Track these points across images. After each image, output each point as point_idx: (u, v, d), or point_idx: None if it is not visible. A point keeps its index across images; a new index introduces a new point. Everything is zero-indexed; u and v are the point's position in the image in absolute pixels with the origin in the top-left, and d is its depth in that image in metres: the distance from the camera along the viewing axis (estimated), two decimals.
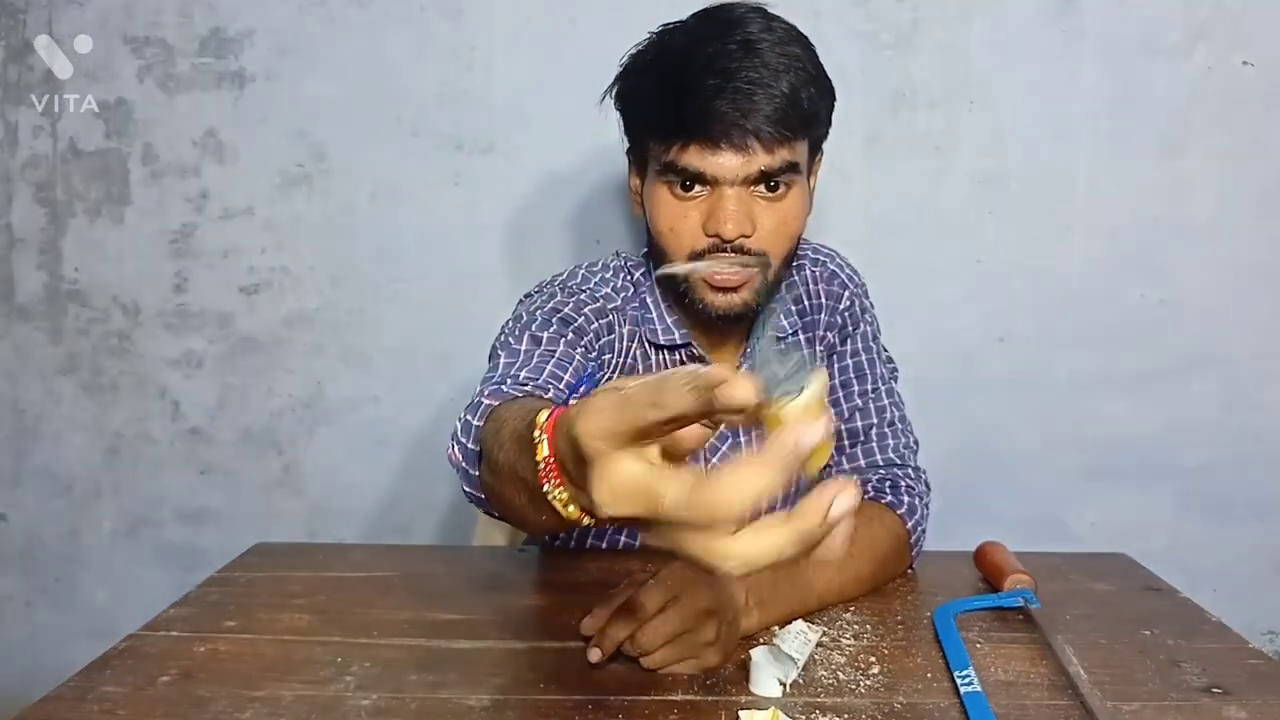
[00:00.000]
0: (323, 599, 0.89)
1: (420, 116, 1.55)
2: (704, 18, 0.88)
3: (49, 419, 1.65)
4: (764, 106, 0.82)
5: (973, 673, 0.72)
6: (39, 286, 1.62)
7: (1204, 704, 0.70)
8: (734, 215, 0.85)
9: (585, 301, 0.95)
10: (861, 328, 1.05)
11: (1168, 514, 1.58)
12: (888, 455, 1.00)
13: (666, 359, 0.97)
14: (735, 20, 0.85)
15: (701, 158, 0.84)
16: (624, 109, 0.93)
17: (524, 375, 0.79)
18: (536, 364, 0.82)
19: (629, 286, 1.00)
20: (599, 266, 1.03)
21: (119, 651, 0.78)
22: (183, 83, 1.56)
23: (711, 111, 0.82)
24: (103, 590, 1.69)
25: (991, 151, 1.51)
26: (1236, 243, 1.51)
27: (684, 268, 0.90)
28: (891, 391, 1.06)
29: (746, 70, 0.82)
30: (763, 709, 0.65)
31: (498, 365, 0.83)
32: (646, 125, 0.90)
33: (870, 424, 1.01)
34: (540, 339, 0.85)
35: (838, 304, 1.04)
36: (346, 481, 1.65)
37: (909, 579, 0.96)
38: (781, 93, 0.83)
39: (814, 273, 1.05)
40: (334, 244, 1.59)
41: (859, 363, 1.03)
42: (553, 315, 0.90)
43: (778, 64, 0.83)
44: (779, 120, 0.83)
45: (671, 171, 0.87)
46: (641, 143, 0.92)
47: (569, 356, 0.84)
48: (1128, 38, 1.48)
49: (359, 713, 0.68)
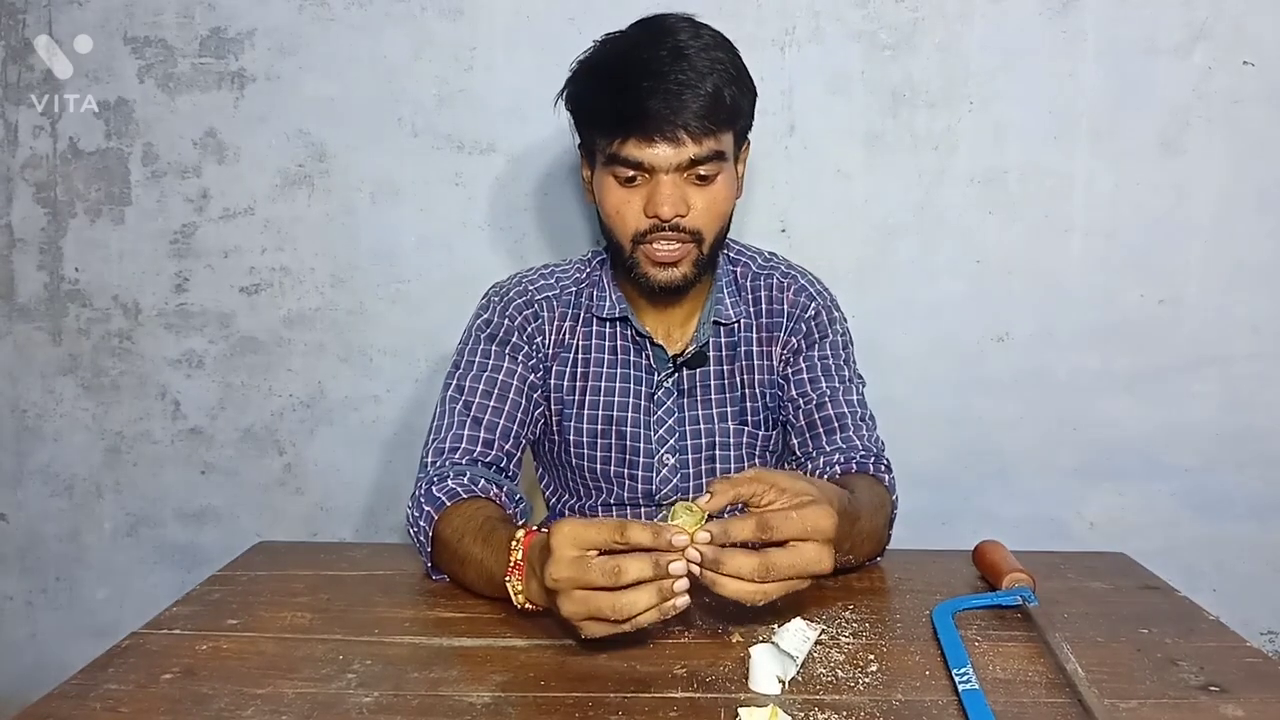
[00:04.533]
0: (324, 597, 0.90)
1: (420, 116, 1.55)
2: (640, 27, 1.01)
3: (50, 419, 1.65)
4: (691, 104, 0.95)
5: (971, 671, 0.72)
6: (40, 286, 1.62)
7: (1201, 702, 0.70)
8: (669, 198, 0.98)
9: (512, 300, 1.12)
10: (831, 336, 1.14)
11: (1167, 514, 1.59)
12: (866, 444, 1.07)
13: (605, 330, 1.12)
14: (667, 29, 0.98)
15: (640, 149, 0.97)
16: (573, 109, 1.05)
17: (462, 449, 1.01)
18: (469, 435, 1.03)
19: (586, 272, 1.16)
20: (568, 261, 1.18)
21: (121, 649, 0.78)
22: (183, 83, 1.56)
23: (646, 110, 0.95)
24: (104, 590, 1.69)
25: (991, 151, 1.52)
26: (1236, 243, 1.51)
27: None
28: (861, 394, 1.14)
29: (676, 73, 0.95)
30: (762, 706, 0.65)
31: (441, 428, 1.04)
32: (592, 123, 1.02)
33: (844, 413, 1.09)
34: (471, 404, 1.05)
35: (803, 313, 1.14)
36: (347, 481, 1.65)
37: (908, 577, 0.96)
38: (707, 92, 0.95)
39: (782, 283, 1.16)
40: (334, 244, 1.59)
41: (827, 364, 1.12)
42: (484, 351, 1.09)
43: (703, 67, 0.96)
44: (705, 115, 0.95)
45: (615, 162, 0.99)
46: (589, 138, 1.04)
47: (502, 400, 1.06)
48: (1128, 38, 1.48)
49: (360, 710, 0.68)
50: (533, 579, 0.77)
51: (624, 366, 1.12)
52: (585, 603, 0.70)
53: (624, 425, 1.10)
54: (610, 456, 1.11)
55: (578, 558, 0.70)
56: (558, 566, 0.70)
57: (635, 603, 0.69)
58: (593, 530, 0.71)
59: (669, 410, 1.11)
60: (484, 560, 0.84)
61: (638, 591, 0.69)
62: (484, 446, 1.03)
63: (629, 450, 1.11)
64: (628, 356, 1.12)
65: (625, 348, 1.12)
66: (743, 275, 1.16)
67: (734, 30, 1.51)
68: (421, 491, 0.96)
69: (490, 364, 1.08)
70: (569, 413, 1.12)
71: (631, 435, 1.10)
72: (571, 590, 0.70)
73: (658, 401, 1.11)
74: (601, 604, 0.69)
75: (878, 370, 1.53)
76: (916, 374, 1.57)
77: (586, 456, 1.12)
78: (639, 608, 0.69)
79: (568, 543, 0.70)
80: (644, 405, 1.11)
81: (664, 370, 1.12)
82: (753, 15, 1.50)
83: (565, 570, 0.70)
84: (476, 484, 0.96)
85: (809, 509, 0.73)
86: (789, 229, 1.55)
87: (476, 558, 0.86)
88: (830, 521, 0.74)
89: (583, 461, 1.12)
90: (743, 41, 1.52)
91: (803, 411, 1.10)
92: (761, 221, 1.54)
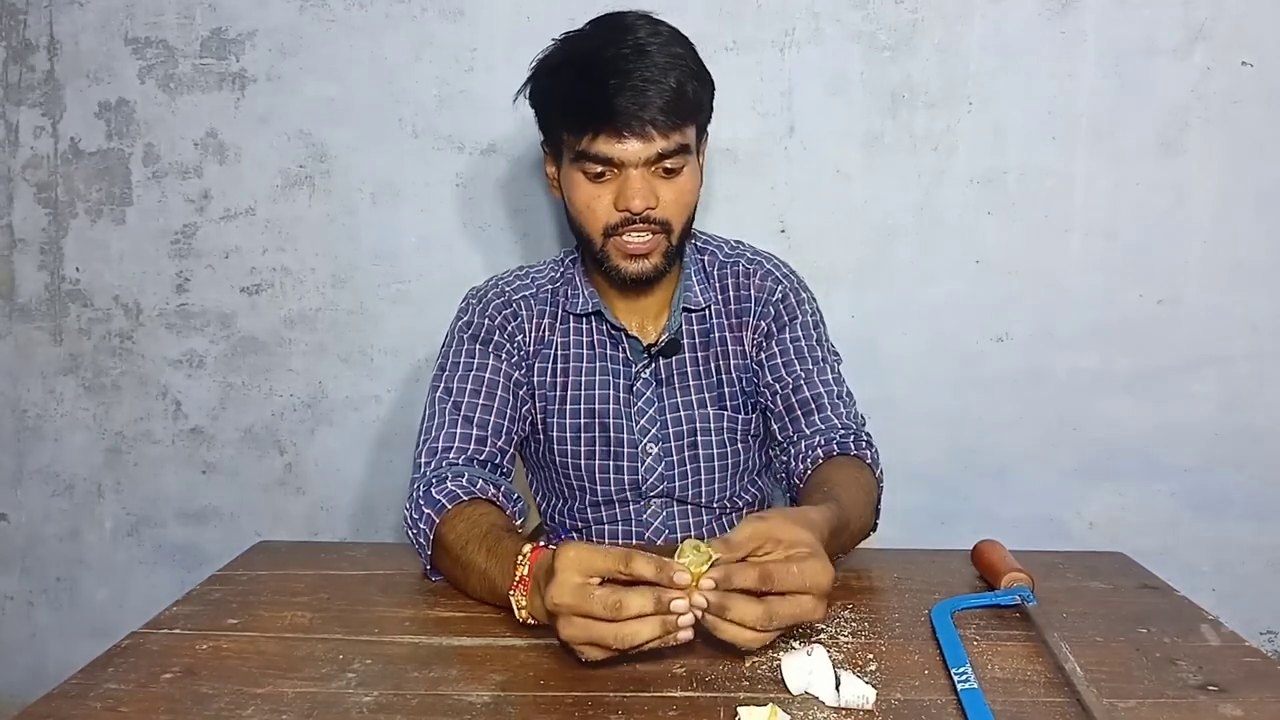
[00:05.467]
0: (324, 597, 0.90)
1: (421, 117, 1.55)
2: (600, 25, 1.03)
3: (50, 419, 1.65)
4: (657, 100, 0.97)
5: (969, 670, 0.72)
6: (40, 287, 1.62)
7: (1200, 701, 0.70)
8: (640, 191, 1.00)
9: (491, 300, 1.14)
10: (801, 318, 1.15)
11: (1166, 514, 1.59)
12: (844, 420, 1.08)
13: (582, 326, 1.14)
14: (627, 26, 1.00)
15: (609, 145, 0.99)
16: (538, 107, 1.07)
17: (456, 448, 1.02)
18: (461, 433, 1.03)
19: (560, 271, 1.17)
20: (542, 262, 1.21)
21: (121, 649, 0.78)
22: (184, 83, 1.56)
23: (614, 107, 0.97)
24: (104, 590, 1.69)
25: (991, 152, 1.52)
26: (1235, 243, 1.52)
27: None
28: (837, 372, 1.15)
29: (641, 70, 0.97)
30: (761, 705, 0.66)
31: (432, 429, 1.04)
32: (560, 120, 1.03)
33: (819, 394, 1.10)
34: (460, 404, 1.06)
35: (770, 296, 1.15)
36: (347, 481, 1.65)
37: (907, 576, 0.96)
38: (670, 87, 0.98)
39: (748, 269, 1.17)
40: (335, 244, 1.59)
41: (799, 346, 1.13)
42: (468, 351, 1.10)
43: (665, 63, 0.98)
44: (670, 110, 0.98)
45: (584, 159, 1.01)
46: (555, 135, 1.06)
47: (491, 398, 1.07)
48: (1127, 38, 1.48)
49: (360, 709, 0.68)
50: (536, 596, 0.78)
51: (602, 360, 1.13)
52: (586, 629, 0.70)
53: (606, 418, 1.11)
54: (594, 450, 1.12)
55: (580, 585, 0.70)
56: (560, 591, 0.71)
57: (638, 633, 0.69)
58: (598, 558, 0.71)
59: (649, 400, 1.13)
60: (488, 571, 0.85)
61: (640, 623, 0.69)
62: (477, 444, 1.04)
63: (612, 443, 1.11)
64: (604, 350, 1.13)
65: (601, 342, 1.13)
66: (710, 263, 1.17)
67: (734, 31, 1.53)
68: (420, 493, 0.97)
69: (475, 363, 1.09)
70: (552, 409, 1.13)
71: (614, 428, 1.11)
72: (572, 616, 0.70)
73: (637, 393, 1.12)
74: (603, 633, 0.69)
75: (877, 370, 1.54)
76: (916, 374, 1.57)
77: (571, 453, 1.13)
78: (640, 639, 0.69)
79: (572, 567, 0.71)
80: (624, 397, 1.12)
81: (641, 361, 1.13)
82: (752, 17, 1.50)
83: (567, 597, 0.70)
84: (475, 484, 0.97)
85: (808, 563, 0.74)
86: (788, 229, 1.55)
87: (480, 567, 0.86)
88: (827, 577, 0.74)
89: (568, 459, 1.13)
90: (742, 42, 1.54)
91: (780, 396, 1.10)
92: (761, 222, 1.55)
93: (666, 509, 1.14)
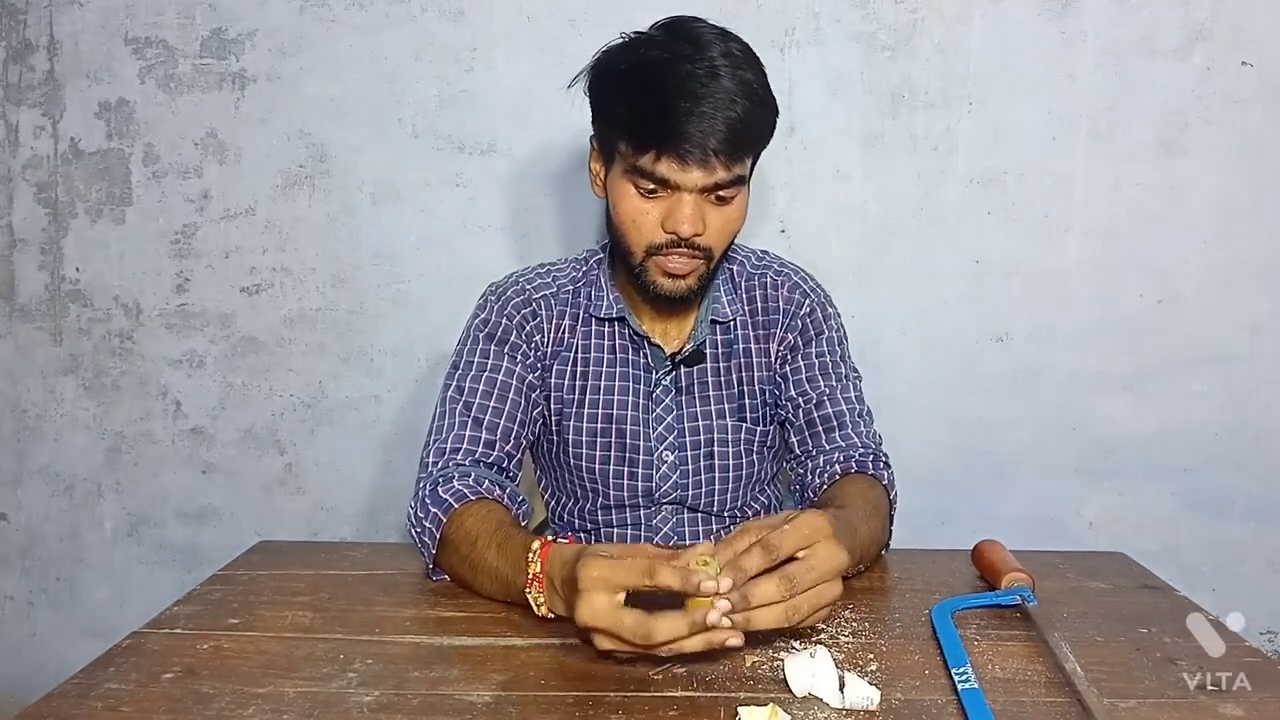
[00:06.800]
0: (325, 596, 0.90)
1: (421, 117, 1.55)
2: (672, 33, 0.99)
3: (50, 419, 1.65)
4: (723, 129, 0.94)
5: (970, 670, 0.72)
6: (40, 287, 1.62)
7: (1200, 701, 0.70)
8: (690, 218, 0.98)
9: (511, 299, 1.12)
10: (826, 334, 1.15)
11: (1166, 513, 1.59)
12: (864, 440, 1.09)
13: (604, 330, 1.13)
14: (700, 42, 0.96)
15: (670, 169, 0.96)
16: (598, 106, 1.03)
17: (464, 450, 1.02)
18: (470, 435, 1.03)
19: (583, 271, 1.16)
20: (564, 260, 1.19)
21: (122, 649, 0.78)
22: (184, 83, 1.56)
23: (681, 133, 0.94)
24: (104, 590, 1.69)
25: (990, 152, 1.52)
26: (1234, 243, 1.52)
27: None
28: (859, 390, 1.15)
29: (711, 95, 0.94)
30: (762, 706, 0.66)
31: (442, 429, 1.04)
32: (620, 129, 0.99)
33: (841, 411, 1.10)
34: (471, 405, 1.05)
35: (798, 310, 1.15)
36: (347, 480, 1.65)
37: (907, 576, 0.96)
38: (737, 116, 0.95)
39: (776, 280, 1.16)
40: (335, 244, 1.59)
41: (824, 362, 1.13)
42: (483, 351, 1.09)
43: (735, 89, 0.95)
44: (734, 142, 0.95)
45: (640, 174, 0.98)
46: (610, 138, 1.02)
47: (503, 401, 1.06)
48: (1127, 38, 1.48)
49: (361, 709, 0.68)
50: (554, 593, 0.79)
51: (622, 365, 1.12)
52: (624, 645, 0.71)
53: (623, 424, 1.11)
54: (610, 455, 1.12)
55: (609, 607, 0.71)
56: (589, 613, 0.71)
57: (680, 649, 0.70)
58: (621, 573, 0.71)
59: (667, 408, 1.12)
60: (499, 568, 0.86)
61: (679, 643, 0.70)
62: (485, 447, 1.04)
63: (628, 449, 1.11)
64: (626, 355, 1.12)
65: (623, 347, 1.12)
66: (738, 274, 1.17)
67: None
68: (426, 492, 0.97)
69: (489, 364, 1.08)
70: (568, 412, 1.12)
71: (631, 434, 1.11)
72: (604, 634, 0.71)
73: (656, 400, 1.12)
74: (638, 647, 0.71)
75: (877, 370, 1.54)
76: (915, 374, 1.58)
77: (585, 456, 1.12)
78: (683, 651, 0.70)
79: (598, 587, 0.71)
80: (642, 404, 1.11)
81: (662, 369, 1.12)
82: (752, 17, 1.50)
83: (599, 620, 0.71)
84: (481, 485, 0.97)
85: (798, 518, 0.74)
86: (788, 229, 1.56)
87: (491, 565, 0.87)
88: (823, 519, 0.74)
89: (581, 461, 1.12)
90: None
91: (801, 411, 1.11)
92: (761, 222, 1.55)
93: (676, 515, 1.14)
